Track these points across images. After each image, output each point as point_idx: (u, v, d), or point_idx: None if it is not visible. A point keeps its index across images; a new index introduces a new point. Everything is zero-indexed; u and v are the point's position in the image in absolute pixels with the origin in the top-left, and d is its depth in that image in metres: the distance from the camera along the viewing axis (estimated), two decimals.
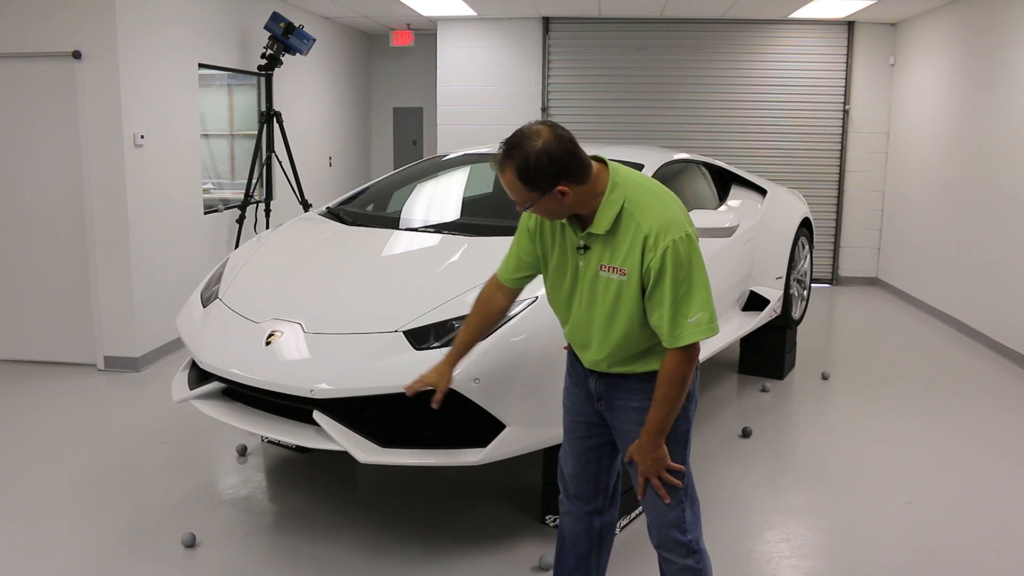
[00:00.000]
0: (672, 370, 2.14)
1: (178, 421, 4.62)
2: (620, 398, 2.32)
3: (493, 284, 2.51)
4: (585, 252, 2.22)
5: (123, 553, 3.27)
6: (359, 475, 4.03)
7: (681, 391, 2.17)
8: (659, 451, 2.23)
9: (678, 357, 2.14)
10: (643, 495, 2.31)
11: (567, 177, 2.08)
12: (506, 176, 2.09)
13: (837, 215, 8.94)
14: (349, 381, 2.94)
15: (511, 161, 2.07)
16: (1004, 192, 6.23)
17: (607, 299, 2.20)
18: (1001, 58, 6.32)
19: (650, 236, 2.09)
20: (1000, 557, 3.32)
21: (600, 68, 8.81)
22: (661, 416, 2.18)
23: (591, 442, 2.46)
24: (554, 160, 2.05)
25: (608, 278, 2.18)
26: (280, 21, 6.67)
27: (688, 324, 2.10)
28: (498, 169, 2.11)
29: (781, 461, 4.29)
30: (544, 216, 2.21)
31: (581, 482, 2.51)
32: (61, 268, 5.57)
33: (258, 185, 7.11)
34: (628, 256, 2.13)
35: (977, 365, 6.01)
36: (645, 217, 2.12)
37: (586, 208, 2.17)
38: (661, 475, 2.26)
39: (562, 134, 2.09)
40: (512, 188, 2.11)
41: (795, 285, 5.62)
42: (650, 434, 2.21)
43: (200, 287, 3.81)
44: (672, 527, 2.32)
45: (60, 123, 5.39)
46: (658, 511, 2.32)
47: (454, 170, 4.85)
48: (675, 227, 2.10)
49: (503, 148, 2.09)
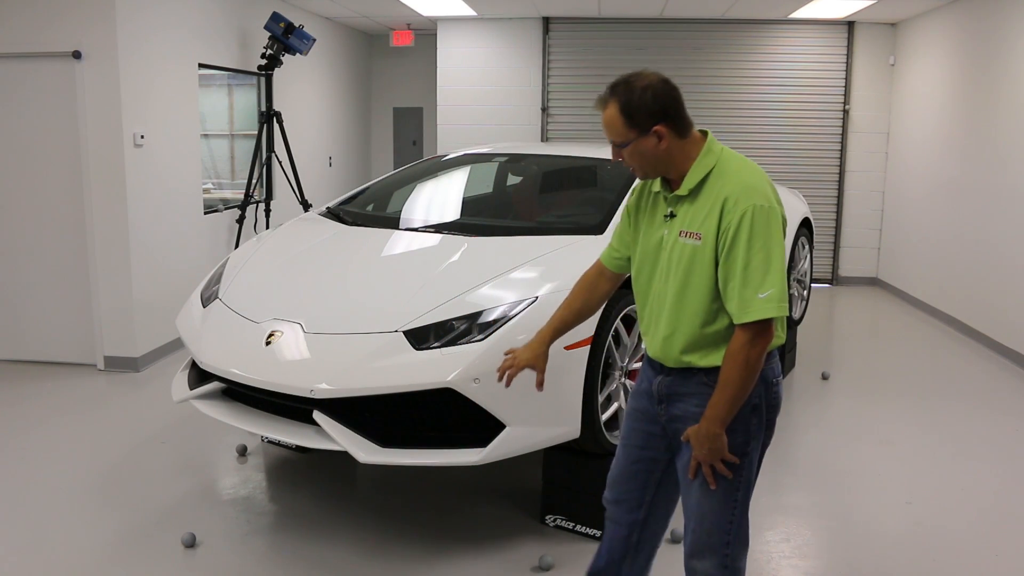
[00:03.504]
0: (736, 349, 2.03)
1: (178, 421, 4.62)
2: (682, 400, 2.21)
3: (597, 268, 2.48)
4: (671, 220, 2.17)
5: (123, 553, 3.27)
6: (359, 475, 4.03)
7: (745, 374, 2.03)
8: (717, 441, 2.09)
9: (744, 336, 2.02)
10: (694, 475, 2.19)
11: (666, 120, 2.08)
12: (608, 111, 2.10)
13: (837, 215, 8.94)
14: (349, 381, 2.93)
15: (615, 96, 2.09)
16: (1004, 192, 6.23)
17: (681, 267, 2.12)
18: (1001, 58, 6.32)
19: (730, 199, 2.04)
20: (1000, 557, 3.32)
21: (600, 68, 8.80)
22: (723, 400, 2.05)
23: (646, 452, 2.35)
24: (657, 97, 2.07)
25: (684, 244, 2.11)
26: (280, 21, 6.67)
27: (758, 299, 1.99)
28: (600, 106, 2.12)
29: (781, 461, 4.28)
30: (637, 168, 2.16)
31: (626, 491, 2.40)
32: (61, 268, 5.57)
33: (258, 185, 7.11)
34: (707, 219, 2.07)
35: (977, 365, 6.01)
36: (729, 180, 2.08)
37: (677, 169, 2.14)
38: (715, 465, 2.13)
39: (669, 80, 2.13)
40: (612, 124, 2.10)
41: (795, 285, 5.63)
42: (709, 420, 2.08)
43: (200, 287, 3.81)
44: (712, 535, 2.20)
45: (60, 123, 5.39)
46: (701, 517, 2.20)
47: (454, 170, 4.85)
48: (758, 194, 2.04)
49: (610, 86, 2.11)
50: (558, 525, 3.46)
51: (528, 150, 5.08)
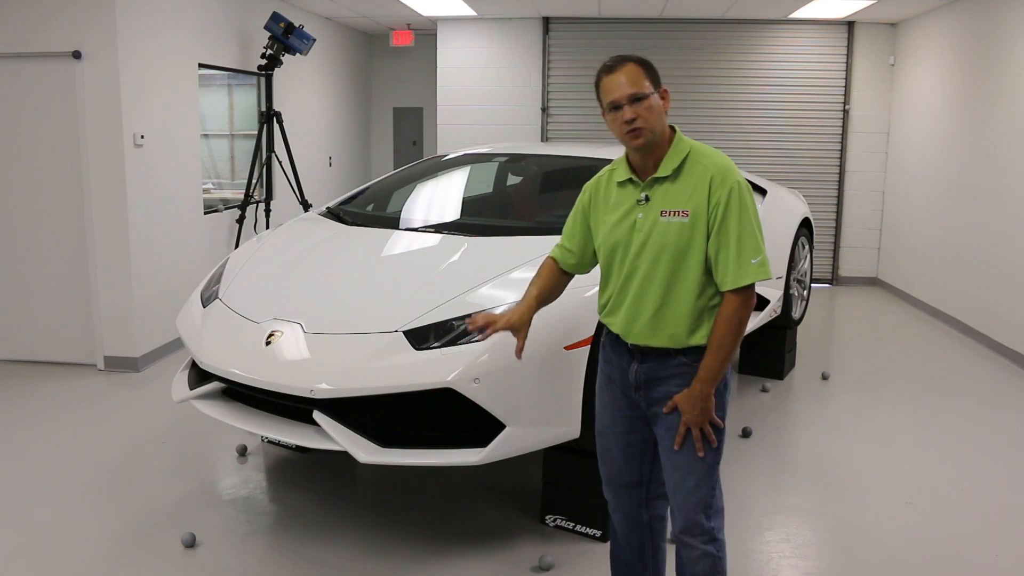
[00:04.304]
0: (731, 313, 2.22)
1: (178, 421, 4.62)
2: (662, 383, 2.34)
3: (552, 262, 2.59)
4: (647, 203, 2.30)
5: (123, 553, 3.27)
6: (359, 475, 4.03)
7: (737, 335, 2.24)
8: (708, 401, 2.27)
9: (737, 300, 2.22)
10: (680, 445, 2.32)
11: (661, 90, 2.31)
12: (627, 67, 2.25)
13: (837, 215, 8.94)
14: (349, 381, 2.93)
15: (630, 60, 2.28)
16: (1004, 192, 6.23)
17: (669, 245, 2.25)
18: (1001, 58, 6.32)
19: (716, 176, 2.23)
20: (1000, 557, 3.32)
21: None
22: (716, 362, 2.24)
23: (633, 436, 2.48)
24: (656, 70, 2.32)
25: (669, 223, 2.25)
26: (280, 21, 6.67)
27: (752, 264, 2.20)
28: (614, 67, 2.26)
29: (781, 461, 4.29)
30: (645, 129, 2.25)
31: (626, 473, 2.53)
32: (61, 268, 5.57)
33: (258, 185, 7.11)
34: (693, 196, 2.24)
35: (977, 365, 6.01)
36: (710, 161, 2.27)
37: (655, 153, 2.30)
38: (704, 427, 2.29)
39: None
40: (633, 76, 2.25)
41: (795, 285, 5.62)
42: (702, 381, 2.25)
43: (200, 287, 3.81)
44: (699, 510, 2.34)
45: (60, 123, 5.39)
46: (688, 492, 2.34)
47: (454, 170, 4.85)
48: (736, 172, 2.27)
49: (615, 57, 2.30)
50: (558, 525, 3.46)
51: (528, 150, 5.08)
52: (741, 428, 4.59)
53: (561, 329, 3.04)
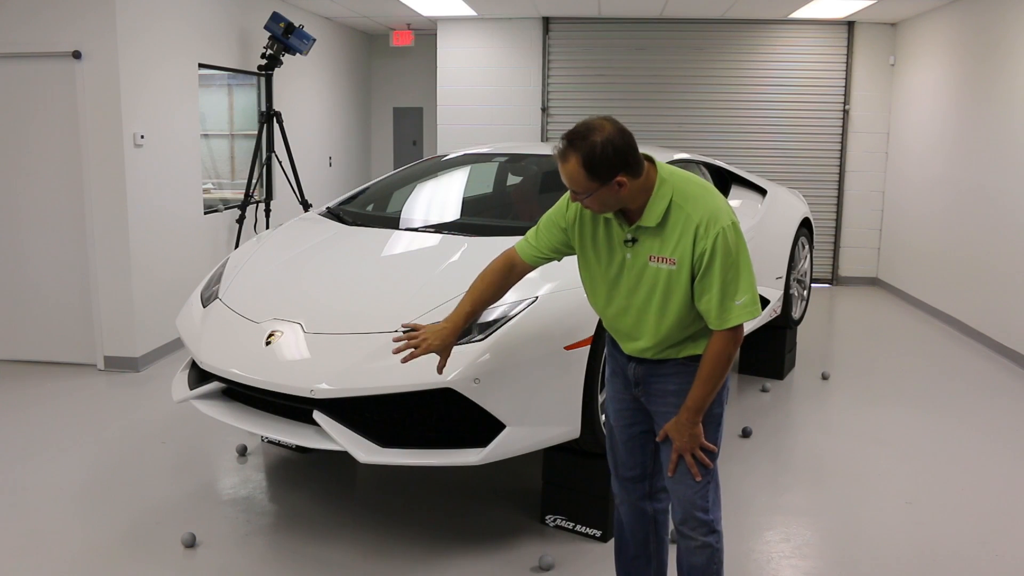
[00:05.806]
0: (719, 350, 2.26)
1: (178, 421, 4.62)
2: (658, 382, 2.41)
3: (508, 261, 2.58)
4: (634, 245, 2.32)
5: (123, 553, 3.27)
6: (359, 475, 4.03)
7: (725, 370, 2.28)
8: (696, 428, 2.32)
9: (725, 338, 2.25)
10: (674, 472, 2.39)
11: (626, 169, 2.17)
12: (569, 165, 2.16)
13: (837, 215, 8.93)
14: (349, 381, 2.93)
15: (576, 151, 2.14)
16: (1004, 192, 6.23)
17: (658, 289, 2.29)
18: (1001, 58, 6.32)
19: (700, 225, 2.20)
20: (1000, 557, 3.32)
21: (600, 68, 8.81)
22: (703, 394, 2.28)
23: (635, 429, 2.54)
24: (618, 151, 2.14)
25: (658, 268, 2.28)
26: (280, 21, 6.67)
27: (736, 306, 2.21)
28: (561, 159, 2.18)
29: (781, 461, 4.29)
30: (596, 209, 2.27)
31: (629, 467, 2.59)
32: (61, 268, 5.57)
33: (258, 185, 7.11)
34: (678, 245, 2.23)
35: (977, 365, 6.01)
36: (695, 208, 2.23)
37: (636, 202, 2.26)
38: (695, 453, 2.35)
39: (623, 128, 2.20)
40: (573, 176, 2.18)
41: (795, 285, 5.62)
42: (689, 411, 2.30)
43: (200, 287, 3.80)
44: (697, 506, 2.40)
45: (60, 123, 5.39)
46: (686, 488, 2.39)
47: (454, 170, 4.84)
48: (723, 216, 2.22)
49: (567, 139, 2.17)
50: (558, 525, 3.46)
51: (528, 150, 5.08)
52: (741, 428, 4.59)
53: (561, 329, 3.04)
